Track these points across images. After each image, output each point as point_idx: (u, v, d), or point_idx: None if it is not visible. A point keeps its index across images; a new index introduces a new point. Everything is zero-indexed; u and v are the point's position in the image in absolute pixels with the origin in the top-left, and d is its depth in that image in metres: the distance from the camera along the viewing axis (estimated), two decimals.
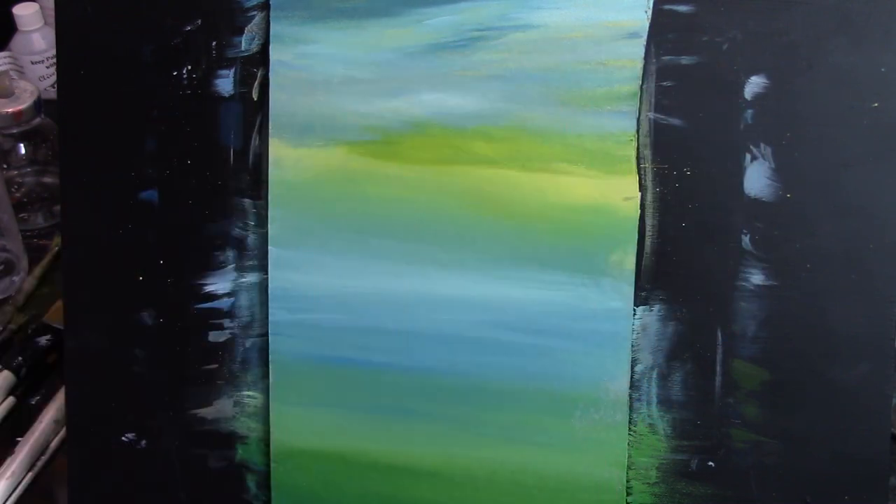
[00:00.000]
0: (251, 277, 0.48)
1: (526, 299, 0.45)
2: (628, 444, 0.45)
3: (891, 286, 0.44)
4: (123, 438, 0.49)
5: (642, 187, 0.44)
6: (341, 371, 0.47)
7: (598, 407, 0.45)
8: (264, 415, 0.48)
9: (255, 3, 0.47)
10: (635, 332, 0.45)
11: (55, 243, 0.74)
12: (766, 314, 0.44)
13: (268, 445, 0.48)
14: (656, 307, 0.45)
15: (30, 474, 0.57)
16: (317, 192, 0.46)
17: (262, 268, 0.47)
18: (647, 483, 0.46)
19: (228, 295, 0.48)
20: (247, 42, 0.47)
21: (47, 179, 0.77)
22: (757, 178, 0.44)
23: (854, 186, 0.43)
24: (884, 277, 0.44)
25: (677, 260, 0.45)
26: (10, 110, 0.73)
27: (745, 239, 0.44)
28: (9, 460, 0.56)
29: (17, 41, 0.88)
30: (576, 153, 0.44)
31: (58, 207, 0.76)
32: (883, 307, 0.44)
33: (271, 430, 0.48)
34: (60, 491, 0.56)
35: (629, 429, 0.45)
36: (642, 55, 0.44)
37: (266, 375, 0.48)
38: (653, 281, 0.45)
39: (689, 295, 0.45)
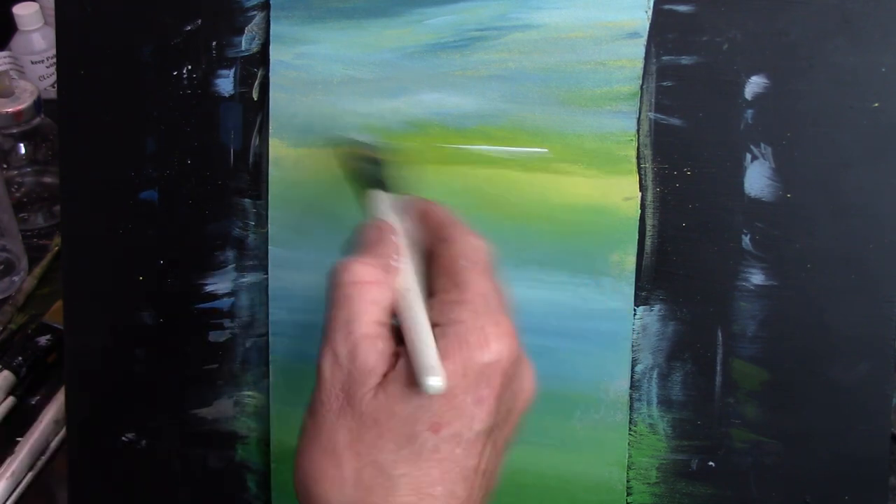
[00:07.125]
0: (251, 277, 0.48)
1: (526, 299, 0.45)
2: (628, 444, 0.45)
3: (891, 286, 0.44)
4: (123, 438, 0.49)
5: (642, 187, 0.44)
6: None
7: (598, 407, 0.45)
8: (264, 415, 0.48)
9: (255, 3, 0.47)
10: (635, 332, 0.45)
11: (55, 243, 0.74)
12: (765, 314, 0.44)
13: (268, 445, 0.48)
14: (656, 307, 0.45)
15: (30, 474, 0.57)
16: (317, 192, 0.46)
17: (262, 268, 0.47)
18: (647, 483, 0.46)
19: (228, 295, 0.48)
20: (247, 42, 0.47)
21: (47, 179, 0.77)
22: (757, 178, 0.44)
23: (854, 186, 0.43)
24: (884, 277, 0.44)
25: (677, 260, 0.45)
26: (10, 110, 0.73)
27: (745, 239, 0.44)
28: (9, 460, 0.56)
29: (17, 41, 0.88)
30: (575, 153, 0.44)
31: (58, 207, 0.76)
32: (883, 307, 0.44)
33: (271, 430, 0.48)
34: (60, 491, 0.56)
35: (629, 429, 0.45)
36: (642, 55, 0.44)
37: (266, 375, 0.48)
38: (653, 281, 0.45)
39: (689, 295, 0.45)
